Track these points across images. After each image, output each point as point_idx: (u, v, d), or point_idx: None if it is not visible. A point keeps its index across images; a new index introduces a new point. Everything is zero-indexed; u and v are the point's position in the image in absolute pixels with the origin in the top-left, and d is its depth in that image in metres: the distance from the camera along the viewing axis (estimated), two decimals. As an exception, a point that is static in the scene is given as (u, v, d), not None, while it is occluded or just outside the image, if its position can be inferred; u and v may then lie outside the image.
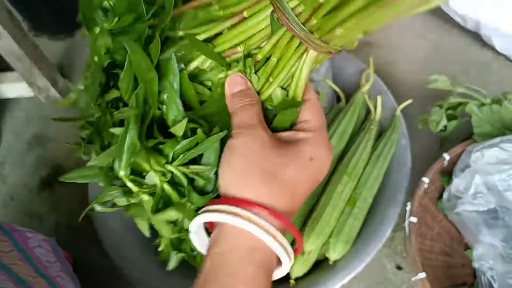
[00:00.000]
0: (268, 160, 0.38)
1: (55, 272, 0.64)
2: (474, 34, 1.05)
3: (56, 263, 0.66)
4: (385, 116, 0.85)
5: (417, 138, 0.95)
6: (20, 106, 1.14)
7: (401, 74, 1.06)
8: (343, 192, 0.76)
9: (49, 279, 0.61)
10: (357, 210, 0.76)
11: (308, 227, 0.74)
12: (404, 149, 0.80)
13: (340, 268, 0.72)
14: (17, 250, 0.61)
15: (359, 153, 0.79)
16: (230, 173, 0.38)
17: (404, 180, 0.77)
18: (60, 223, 0.97)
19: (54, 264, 0.66)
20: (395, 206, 0.75)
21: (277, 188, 0.37)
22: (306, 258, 0.74)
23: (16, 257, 0.59)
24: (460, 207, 0.70)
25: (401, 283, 0.84)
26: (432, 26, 1.12)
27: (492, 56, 1.05)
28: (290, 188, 0.38)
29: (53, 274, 0.63)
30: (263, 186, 0.37)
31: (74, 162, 1.04)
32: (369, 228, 0.76)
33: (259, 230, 0.36)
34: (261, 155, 0.38)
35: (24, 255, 0.62)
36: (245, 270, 0.35)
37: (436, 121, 0.81)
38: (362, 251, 0.73)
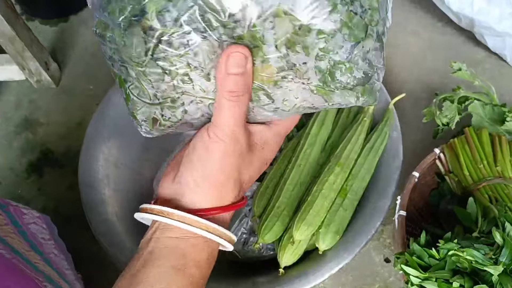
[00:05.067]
0: (238, 170, 0.41)
1: (49, 249, 0.64)
2: (467, 33, 1.06)
3: (51, 240, 0.66)
4: (378, 109, 0.85)
5: (408, 131, 0.96)
6: (10, 89, 1.13)
7: (395, 70, 1.07)
8: (335, 183, 0.76)
9: (43, 254, 0.61)
10: (347, 201, 0.77)
11: (298, 217, 0.74)
12: (396, 142, 0.80)
13: (329, 258, 0.73)
14: (12, 224, 0.61)
15: (351, 144, 0.79)
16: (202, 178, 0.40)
17: (395, 173, 0.77)
18: (48, 209, 0.96)
19: (49, 242, 0.65)
20: (385, 198, 0.75)
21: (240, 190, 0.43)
22: (296, 247, 0.75)
23: (11, 230, 0.59)
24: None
25: (389, 276, 0.84)
26: (426, 24, 1.12)
27: (485, 55, 1.06)
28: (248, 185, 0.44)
29: (47, 251, 0.63)
30: (229, 194, 0.42)
31: (64, 146, 1.03)
32: (359, 220, 0.76)
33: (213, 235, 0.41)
34: (236, 166, 0.41)
35: (18, 229, 0.61)
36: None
37: (449, 116, 0.81)
38: (352, 243, 0.73)
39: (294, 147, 0.83)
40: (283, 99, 0.41)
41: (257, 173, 0.44)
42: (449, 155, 0.77)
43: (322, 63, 0.38)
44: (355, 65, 0.38)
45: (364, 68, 0.39)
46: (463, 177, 0.74)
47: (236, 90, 0.38)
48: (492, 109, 0.81)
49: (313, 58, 0.37)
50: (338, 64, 0.38)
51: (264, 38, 0.37)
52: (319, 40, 0.36)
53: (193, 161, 0.40)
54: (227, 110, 0.39)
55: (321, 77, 0.38)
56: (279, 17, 0.35)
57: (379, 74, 0.41)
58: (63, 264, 0.64)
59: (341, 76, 0.38)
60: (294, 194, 0.78)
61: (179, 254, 0.38)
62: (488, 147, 0.75)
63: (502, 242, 0.57)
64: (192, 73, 0.39)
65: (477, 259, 0.56)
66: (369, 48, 0.38)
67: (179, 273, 0.38)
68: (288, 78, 0.39)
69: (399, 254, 0.65)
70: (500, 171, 0.72)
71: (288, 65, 0.38)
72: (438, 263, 0.60)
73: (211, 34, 0.37)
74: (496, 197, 0.69)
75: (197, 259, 0.39)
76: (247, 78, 0.38)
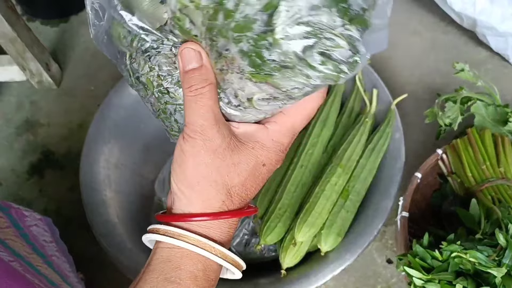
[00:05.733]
0: (218, 171, 0.38)
1: (51, 252, 0.63)
2: (470, 33, 1.06)
3: (52, 243, 0.66)
4: (380, 109, 0.85)
5: (411, 132, 0.95)
6: (11, 90, 1.12)
7: (397, 69, 1.06)
8: (337, 184, 0.76)
9: (45, 257, 0.60)
10: (349, 202, 0.76)
11: (300, 219, 0.74)
12: (398, 143, 0.80)
13: (331, 260, 0.72)
14: (14, 227, 0.61)
15: (353, 145, 0.79)
16: (184, 183, 0.38)
17: (397, 174, 0.77)
18: (49, 210, 0.96)
19: (50, 244, 0.65)
20: (387, 200, 0.75)
21: (229, 196, 0.39)
22: (298, 249, 0.74)
23: (12, 233, 0.59)
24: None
25: (391, 277, 0.84)
26: (429, 24, 1.12)
27: (487, 55, 1.05)
28: (242, 193, 0.39)
29: (49, 253, 0.62)
30: (214, 198, 0.38)
31: (65, 148, 1.03)
32: (361, 221, 0.76)
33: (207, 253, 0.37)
34: (212, 167, 0.38)
35: (20, 232, 0.61)
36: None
37: (452, 117, 0.80)
38: (354, 244, 0.73)
39: (295, 148, 0.83)
40: (235, 94, 0.38)
41: (252, 177, 0.39)
42: (451, 156, 0.77)
43: (242, 45, 0.33)
44: (284, 38, 0.31)
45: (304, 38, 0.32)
46: (465, 178, 0.74)
47: (194, 84, 0.36)
48: (495, 109, 0.81)
49: (231, 41, 0.33)
50: (259, 41, 0.32)
51: (191, 30, 0.35)
52: (228, 21, 0.32)
53: (174, 167, 0.39)
54: (191, 106, 0.37)
55: (249, 61, 0.34)
56: (186, 7, 0.34)
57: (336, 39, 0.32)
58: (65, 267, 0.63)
59: (270, 55, 0.33)
60: (296, 195, 0.78)
61: (173, 266, 0.37)
62: (491, 148, 0.74)
63: (505, 244, 0.57)
64: (165, 83, 0.40)
65: (480, 261, 0.56)
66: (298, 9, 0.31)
67: (172, 285, 0.37)
68: (224, 69, 0.36)
69: (402, 256, 0.64)
70: (503, 172, 0.72)
71: (217, 55, 0.36)
72: (441, 265, 0.60)
73: (163, 46, 0.39)
74: (499, 198, 0.69)
75: (192, 270, 0.37)
76: (204, 70, 0.37)
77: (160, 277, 0.37)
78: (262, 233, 0.75)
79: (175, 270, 0.37)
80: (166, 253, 0.38)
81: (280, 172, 0.82)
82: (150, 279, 0.37)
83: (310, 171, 0.79)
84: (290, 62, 0.32)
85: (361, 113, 0.85)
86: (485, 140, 0.75)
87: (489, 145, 0.75)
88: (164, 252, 0.38)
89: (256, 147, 0.39)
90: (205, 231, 0.38)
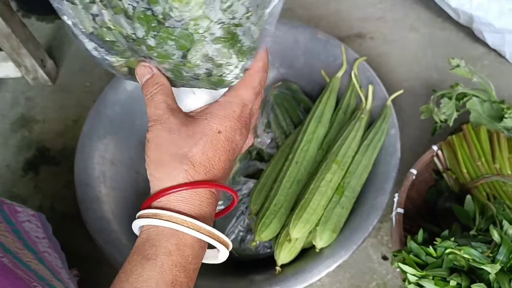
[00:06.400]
0: (176, 144, 0.41)
1: (43, 248, 0.63)
2: (466, 29, 1.06)
3: (45, 239, 0.66)
4: (375, 105, 0.85)
5: (407, 128, 0.95)
6: (6, 86, 1.12)
7: (393, 65, 1.06)
8: (332, 180, 0.76)
9: (36, 253, 0.60)
10: (345, 199, 0.76)
11: (295, 215, 0.74)
12: (393, 139, 0.80)
13: (326, 256, 0.72)
14: (5, 222, 0.61)
15: (349, 141, 0.79)
16: (151, 166, 0.42)
17: (393, 170, 0.77)
18: (44, 206, 0.96)
19: (43, 240, 0.65)
20: (383, 196, 0.75)
21: (191, 166, 0.41)
22: (293, 245, 0.74)
23: (4, 228, 0.58)
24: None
25: (386, 273, 0.84)
26: (426, 20, 1.12)
27: (484, 51, 1.05)
28: (204, 162, 0.42)
29: (41, 250, 0.62)
30: (177, 169, 0.41)
31: (60, 144, 1.02)
32: (357, 217, 0.76)
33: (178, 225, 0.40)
34: (170, 142, 0.41)
35: (12, 227, 0.61)
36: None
37: (447, 113, 0.80)
38: (349, 240, 0.73)
39: (291, 144, 0.83)
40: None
41: (210, 144, 0.42)
42: (447, 152, 0.77)
43: (165, 65, 0.43)
44: (195, 66, 0.42)
45: (207, 66, 0.42)
46: (461, 174, 0.74)
47: (149, 88, 0.44)
48: (490, 105, 0.81)
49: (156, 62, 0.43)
50: (177, 65, 0.42)
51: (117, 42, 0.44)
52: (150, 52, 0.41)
53: (145, 157, 0.43)
54: (149, 104, 0.44)
55: (172, 74, 0.45)
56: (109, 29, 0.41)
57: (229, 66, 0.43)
58: (57, 263, 0.63)
59: (187, 72, 0.43)
60: (291, 191, 0.78)
61: (150, 244, 0.39)
62: (486, 144, 0.74)
63: (499, 240, 0.57)
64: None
65: (474, 258, 0.56)
66: (206, 50, 0.40)
67: (149, 262, 0.39)
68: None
69: (397, 252, 0.64)
70: (498, 168, 0.72)
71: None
72: (435, 261, 0.60)
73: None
74: (494, 194, 0.69)
75: (166, 246, 0.39)
76: (155, 77, 0.45)
77: (139, 256, 0.39)
78: (257, 229, 0.75)
79: (151, 247, 0.39)
80: (145, 234, 0.40)
81: (275, 168, 0.81)
82: (131, 259, 0.40)
83: (305, 168, 0.79)
84: (200, 76, 0.43)
85: (357, 109, 0.85)
86: (481, 136, 0.75)
87: (485, 142, 0.74)
88: (144, 234, 0.40)
89: (209, 117, 0.43)
90: (176, 205, 0.40)
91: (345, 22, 1.14)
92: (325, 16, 1.16)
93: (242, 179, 0.87)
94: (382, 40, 1.10)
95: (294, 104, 0.92)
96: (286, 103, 0.92)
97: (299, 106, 0.92)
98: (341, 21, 1.15)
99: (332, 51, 0.91)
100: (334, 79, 0.87)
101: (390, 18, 1.13)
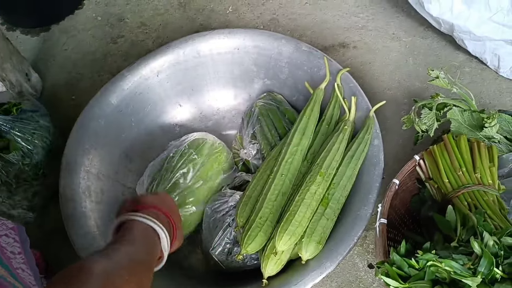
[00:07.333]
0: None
1: (17, 264, 0.63)
2: (448, 37, 1.07)
3: (20, 254, 0.65)
4: (359, 116, 0.85)
5: (390, 137, 0.96)
6: (-9, 100, 1.11)
7: (376, 74, 1.07)
8: (316, 192, 0.76)
9: (10, 270, 0.60)
10: (329, 210, 0.77)
11: (281, 227, 0.74)
12: (377, 150, 0.81)
13: (312, 268, 0.73)
14: None
15: (332, 153, 0.79)
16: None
17: (376, 181, 0.78)
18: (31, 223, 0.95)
19: (18, 256, 0.64)
20: (366, 206, 0.76)
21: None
22: (279, 258, 0.75)
23: None
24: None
25: (372, 282, 0.85)
26: (407, 28, 1.13)
27: (465, 58, 1.06)
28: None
29: (14, 266, 0.62)
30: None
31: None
32: (342, 228, 0.76)
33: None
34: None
35: None
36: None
37: (428, 124, 0.81)
38: (334, 251, 0.73)
39: (276, 156, 0.83)
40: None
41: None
42: (428, 162, 0.78)
43: None
44: None
45: None
46: (442, 184, 0.74)
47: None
48: (470, 115, 0.82)
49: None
50: None
51: None
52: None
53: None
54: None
55: None
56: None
57: None
58: (30, 280, 0.63)
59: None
60: (277, 204, 0.78)
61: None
62: (467, 154, 0.75)
63: (480, 252, 0.57)
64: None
65: (455, 270, 0.57)
66: None
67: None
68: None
69: (380, 264, 0.65)
70: (479, 177, 0.73)
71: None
72: (417, 273, 0.60)
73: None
74: (475, 204, 0.70)
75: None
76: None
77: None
78: (243, 242, 0.76)
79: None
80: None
81: (260, 180, 0.82)
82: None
83: (290, 180, 0.80)
84: None
85: (341, 121, 0.85)
86: (461, 146, 0.76)
87: (465, 151, 0.75)
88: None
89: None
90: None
91: (330, 32, 1.15)
92: (310, 26, 1.17)
93: (229, 191, 0.88)
94: (365, 49, 1.11)
95: (279, 115, 0.93)
96: (271, 114, 0.93)
97: (284, 117, 0.93)
98: (326, 30, 1.16)
99: (316, 62, 0.91)
100: (317, 90, 0.88)
101: (372, 27, 1.14)
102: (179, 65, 0.96)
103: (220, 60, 0.97)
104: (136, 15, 1.24)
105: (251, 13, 1.21)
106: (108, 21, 1.24)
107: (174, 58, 0.95)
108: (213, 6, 1.24)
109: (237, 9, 1.22)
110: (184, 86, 0.99)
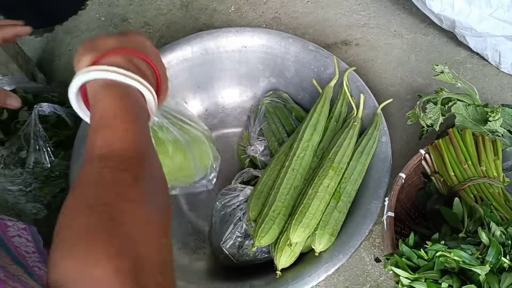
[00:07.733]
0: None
1: (33, 263, 0.63)
2: (449, 33, 1.09)
3: (35, 253, 0.66)
4: (366, 113, 0.87)
5: (395, 132, 0.98)
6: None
7: (379, 71, 1.09)
8: (329, 185, 0.78)
9: (26, 268, 0.60)
10: (341, 203, 0.79)
11: (295, 220, 0.76)
12: (385, 146, 0.83)
13: (325, 260, 0.75)
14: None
15: (343, 148, 0.82)
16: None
17: (385, 176, 0.80)
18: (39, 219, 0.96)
19: (33, 255, 0.65)
20: (376, 200, 0.78)
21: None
22: (293, 250, 0.77)
23: None
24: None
25: (379, 275, 0.87)
26: (409, 25, 1.15)
27: (467, 55, 1.08)
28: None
29: (30, 265, 0.62)
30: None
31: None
32: (352, 222, 0.78)
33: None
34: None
35: (1, 243, 0.61)
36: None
37: (433, 118, 0.83)
38: (346, 244, 0.75)
39: (287, 152, 0.85)
40: None
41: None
42: (434, 156, 0.80)
43: None
44: None
45: None
46: (448, 177, 0.76)
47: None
48: (475, 109, 0.84)
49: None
50: None
51: None
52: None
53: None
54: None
55: None
56: None
57: None
58: None
59: None
60: (289, 197, 0.80)
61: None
62: (472, 147, 0.77)
63: (488, 242, 0.59)
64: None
65: (464, 260, 0.59)
66: None
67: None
68: None
69: (389, 255, 0.67)
70: (484, 170, 0.75)
71: None
72: (427, 264, 0.62)
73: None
74: (481, 196, 0.72)
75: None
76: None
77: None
78: (257, 235, 0.77)
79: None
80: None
81: (271, 175, 0.84)
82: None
83: (301, 174, 0.82)
84: None
85: (348, 118, 0.87)
86: (466, 139, 0.78)
87: (470, 145, 0.77)
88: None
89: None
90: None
91: (332, 30, 1.17)
92: (312, 24, 1.18)
93: (239, 185, 0.89)
94: (368, 47, 1.13)
95: (286, 113, 0.94)
96: (278, 111, 0.95)
97: (291, 115, 0.94)
98: (328, 28, 1.17)
99: (322, 61, 0.93)
100: (327, 88, 0.90)
101: (374, 24, 1.16)
102: (187, 62, 0.97)
103: (227, 58, 0.99)
104: (139, 15, 1.25)
105: (253, 12, 1.22)
106: (112, 21, 1.25)
107: (183, 55, 0.96)
108: (215, 6, 1.25)
109: (239, 8, 1.24)
110: (191, 83, 1.01)
